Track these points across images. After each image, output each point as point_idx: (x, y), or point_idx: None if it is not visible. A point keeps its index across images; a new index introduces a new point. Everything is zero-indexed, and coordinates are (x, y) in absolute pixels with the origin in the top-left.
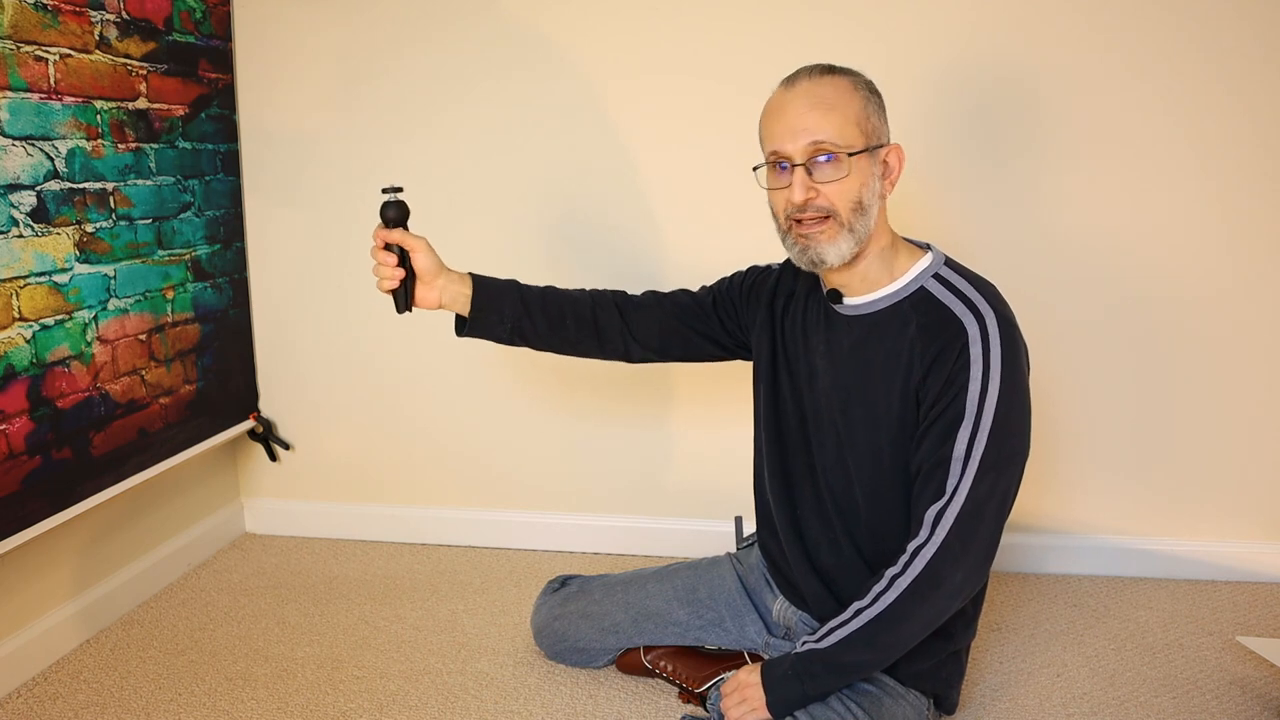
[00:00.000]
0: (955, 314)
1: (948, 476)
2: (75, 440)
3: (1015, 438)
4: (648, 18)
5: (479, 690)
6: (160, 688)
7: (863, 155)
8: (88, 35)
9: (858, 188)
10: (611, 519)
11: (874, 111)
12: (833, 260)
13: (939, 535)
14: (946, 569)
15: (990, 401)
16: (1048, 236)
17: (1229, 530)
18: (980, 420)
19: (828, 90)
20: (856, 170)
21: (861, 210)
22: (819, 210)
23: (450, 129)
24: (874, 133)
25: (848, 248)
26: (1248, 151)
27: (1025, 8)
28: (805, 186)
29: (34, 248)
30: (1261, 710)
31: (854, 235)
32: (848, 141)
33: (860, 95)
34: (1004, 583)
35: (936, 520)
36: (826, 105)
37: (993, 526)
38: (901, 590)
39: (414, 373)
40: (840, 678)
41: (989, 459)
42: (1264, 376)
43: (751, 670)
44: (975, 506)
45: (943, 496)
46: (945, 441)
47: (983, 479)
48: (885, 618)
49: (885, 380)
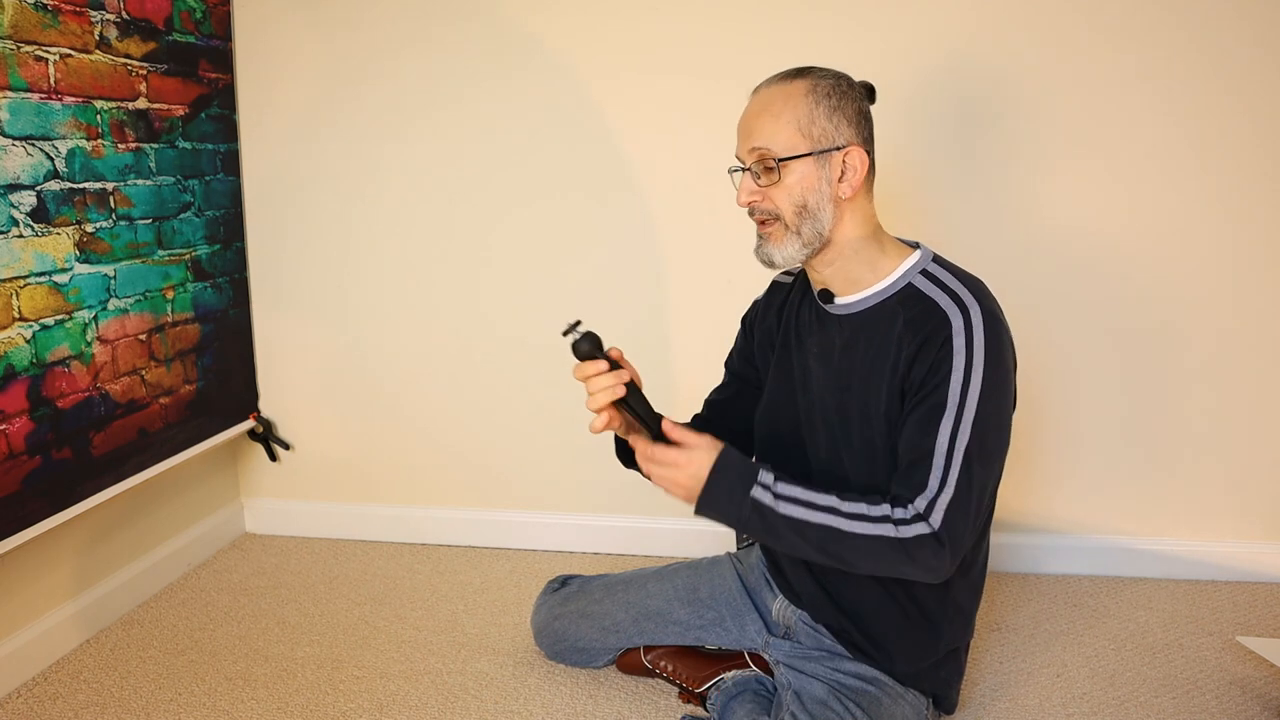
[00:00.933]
0: (940, 306)
1: (931, 469)
2: (75, 440)
3: (997, 431)
4: (646, 18)
5: (479, 690)
6: (160, 688)
7: (805, 159)
8: (88, 35)
9: (800, 192)
10: (611, 519)
11: (825, 115)
12: (780, 262)
13: (934, 521)
14: (927, 553)
15: (973, 393)
16: (1047, 237)
17: (1229, 530)
18: (963, 412)
19: (777, 96)
20: (797, 176)
21: (807, 214)
22: (764, 213)
23: (450, 128)
24: (822, 136)
25: (794, 250)
26: (1241, 149)
27: (1025, 7)
28: (748, 190)
29: (34, 248)
30: (1261, 710)
31: (800, 238)
32: (787, 147)
33: (810, 100)
34: (1004, 583)
35: (929, 509)
36: (771, 112)
37: (973, 521)
38: (882, 535)
39: (414, 373)
40: (771, 537)
41: (972, 450)
42: (1264, 376)
43: (707, 454)
44: (961, 498)
45: (929, 488)
46: (928, 432)
47: (968, 471)
48: (848, 541)
49: (875, 378)
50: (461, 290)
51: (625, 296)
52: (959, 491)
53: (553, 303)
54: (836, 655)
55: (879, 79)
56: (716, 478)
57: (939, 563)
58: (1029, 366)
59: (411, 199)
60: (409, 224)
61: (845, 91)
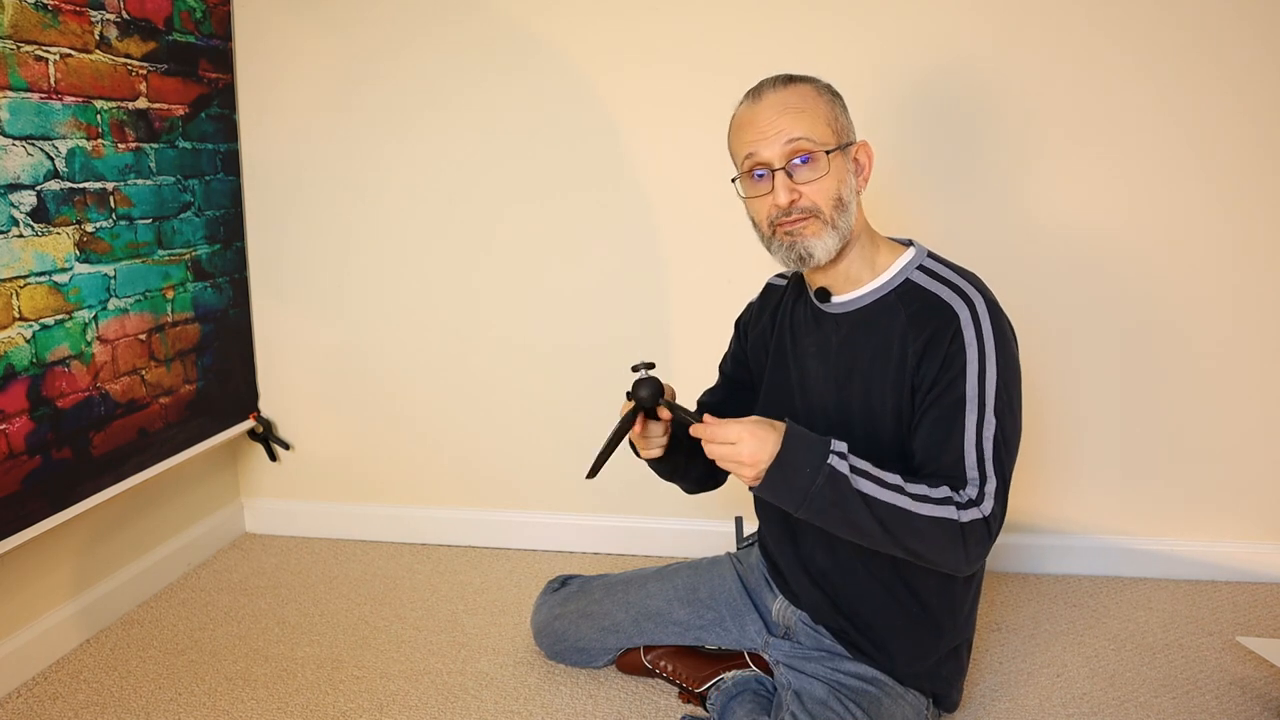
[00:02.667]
0: (944, 300)
1: (966, 462)
2: (75, 440)
3: (1015, 417)
4: (646, 17)
5: (479, 690)
6: (160, 688)
7: (837, 153)
8: (88, 35)
9: (836, 185)
10: (611, 519)
11: (840, 112)
12: (820, 256)
13: (985, 508)
14: (976, 539)
15: (990, 384)
16: (1046, 236)
17: (1229, 530)
18: (985, 402)
19: (794, 96)
20: (834, 168)
21: (843, 206)
22: (803, 211)
23: (450, 128)
24: (843, 131)
25: (833, 243)
26: (1242, 149)
27: (1024, 6)
28: (788, 189)
29: (34, 247)
30: (1261, 710)
31: (838, 231)
32: (823, 139)
33: (825, 98)
34: (1004, 583)
35: (980, 496)
36: (796, 109)
37: (1006, 509)
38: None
39: (414, 373)
40: (836, 511)
41: (999, 438)
42: (1265, 376)
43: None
44: (1003, 486)
45: (972, 479)
46: (954, 428)
47: (1000, 459)
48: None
49: (878, 374)
50: (462, 290)
51: (625, 295)
52: (1000, 480)
53: (553, 302)
54: (836, 655)
55: (878, 77)
56: (792, 444)
57: (981, 550)
58: (1029, 367)
59: (411, 198)
60: (409, 223)
61: (838, 93)
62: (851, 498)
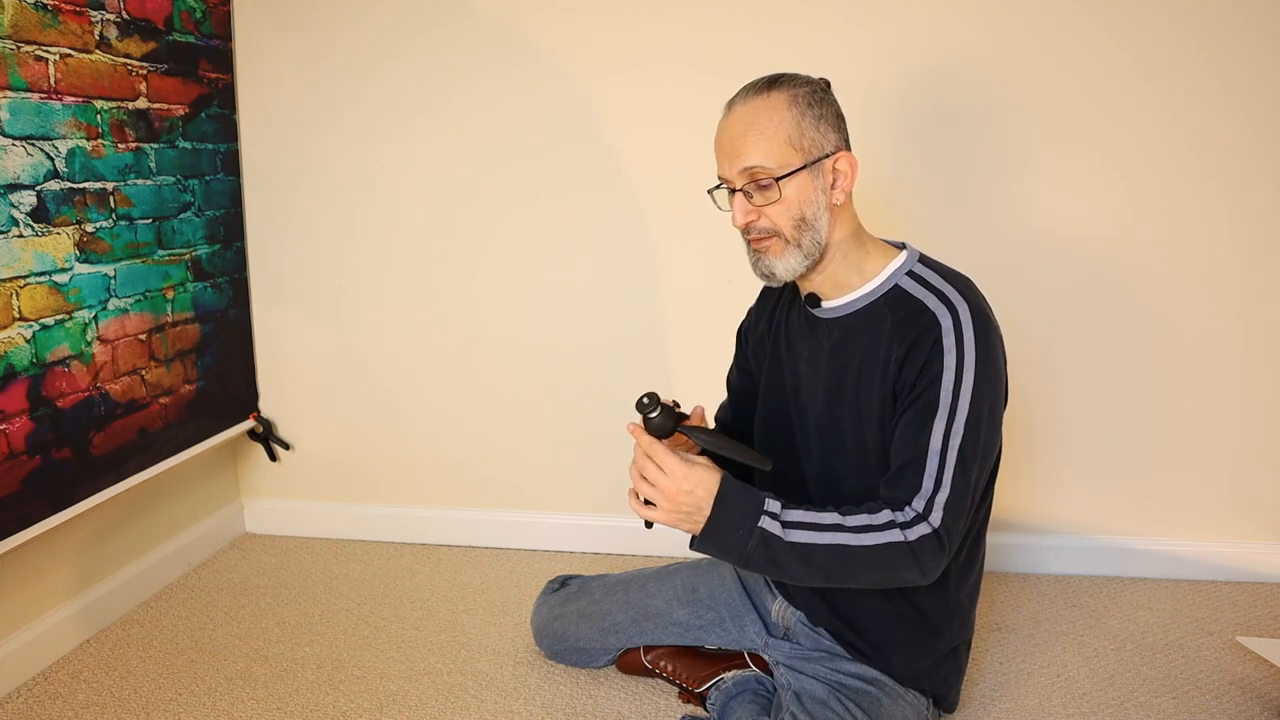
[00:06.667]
0: (928, 306)
1: (925, 469)
2: (75, 440)
3: (989, 429)
4: (645, 18)
5: (479, 690)
6: (160, 688)
7: (800, 173)
8: (88, 35)
9: (798, 206)
10: (611, 519)
11: (812, 124)
12: (782, 274)
13: (934, 520)
14: (928, 553)
15: (965, 392)
16: (1044, 237)
17: (1229, 530)
18: (956, 410)
19: (761, 112)
20: (794, 190)
21: (806, 226)
22: (762, 231)
23: (450, 128)
24: (813, 146)
25: (796, 262)
26: (1239, 148)
27: (1022, 5)
28: (744, 210)
29: (34, 247)
30: (1261, 710)
31: (801, 250)
32: (781, 163)
33: (795, 110)
34: (1004, 583)
35: (928, 508)
36: (758, 129)
37: (966, 520)
38: (889, 541)
39: (414, 373)
40: (773, 570)
41: (966, 448)
42: (1264, 376)
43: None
44: (958, 496)
45: (925, 488)
46: (921, 432)
47: (963, 469)
48: (856, 555)
49: (866, 380)
50: (462, 290)
51: (626, 296)
52: (955, 490)
53: (553, 302)
54: (836, 656)
55: (874, 77)
56: (725, 504)
57: (937, 563)
58: (1028, 367)
59: (411, 198)
60: (409, 223)
61: (822, 97)
62: (786, 554)
